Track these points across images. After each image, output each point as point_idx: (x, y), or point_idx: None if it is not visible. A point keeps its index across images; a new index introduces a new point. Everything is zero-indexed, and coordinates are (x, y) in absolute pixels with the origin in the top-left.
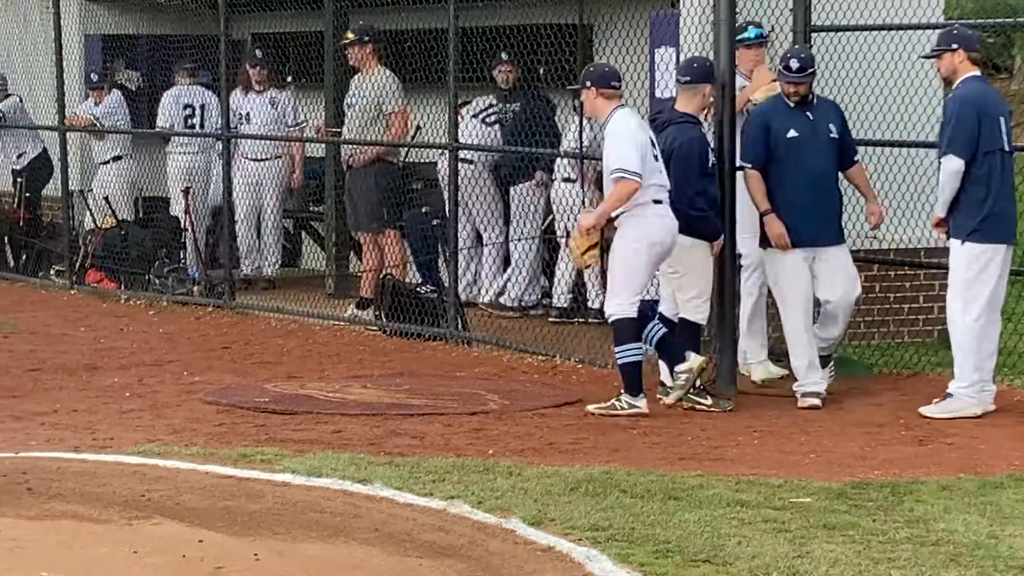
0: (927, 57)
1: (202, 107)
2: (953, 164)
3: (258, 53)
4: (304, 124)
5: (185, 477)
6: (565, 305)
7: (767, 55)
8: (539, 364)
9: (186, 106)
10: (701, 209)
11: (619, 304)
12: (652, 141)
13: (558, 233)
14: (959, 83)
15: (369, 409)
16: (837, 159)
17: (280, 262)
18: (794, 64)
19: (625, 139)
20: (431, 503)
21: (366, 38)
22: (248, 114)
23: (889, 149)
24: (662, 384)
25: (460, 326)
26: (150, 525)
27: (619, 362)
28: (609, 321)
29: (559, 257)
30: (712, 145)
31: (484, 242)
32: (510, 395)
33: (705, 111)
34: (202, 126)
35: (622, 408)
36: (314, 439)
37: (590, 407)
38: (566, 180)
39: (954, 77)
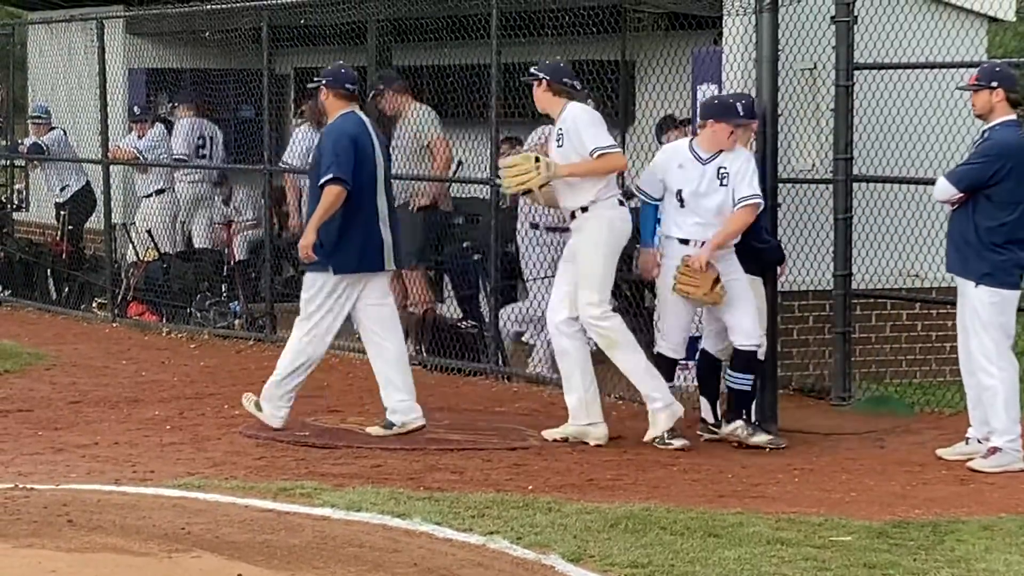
0: (964, 89)
1: (211, 139)
2: (950, 191)
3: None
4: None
5: (225, 510)
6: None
7: (816, 91)
8: None
9: (199, 136)
10: (766, 240)
11: None
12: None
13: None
14: (997, 125)
15: (409, 444)
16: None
17: None
18: None
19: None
20: (470, 538)
21: (382, 86)
22: None
23: (931, 187)
24: (703, 421)
25: (500, 361)
26: (190, 558)
27: None
28: None
29: None
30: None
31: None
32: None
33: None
34: (210, 158)
35: None
36: (354, 473)
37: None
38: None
39: (989, 116)
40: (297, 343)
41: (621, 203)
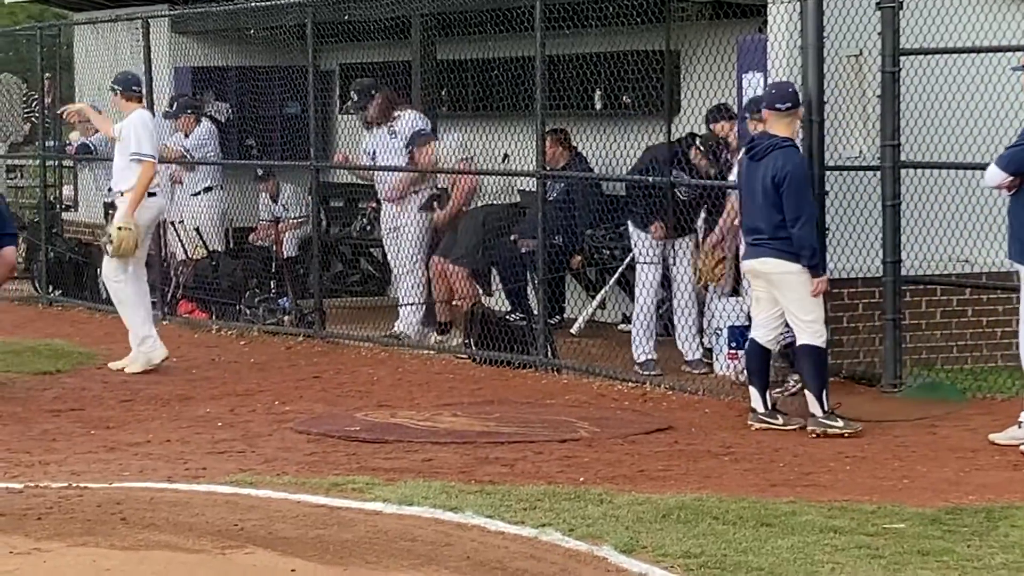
0: (1017, 70)
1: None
2: (999, 175)
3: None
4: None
5: (277, 506)
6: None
7: (862, 77)
8: (629, 391)
9: None
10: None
11: None
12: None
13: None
14: None
15: (460, 437)
16: None
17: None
18: None
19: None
20: (522, 531)
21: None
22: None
23: (979, 172)
24: (752, 411)
25: (549, 354)
26: (243, 554)
27: None
28: None
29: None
30: None
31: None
32: (600, 422)
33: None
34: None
35: None
36: (405, 467)
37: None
38: None
39: None
40: None
41: (152, 194)
